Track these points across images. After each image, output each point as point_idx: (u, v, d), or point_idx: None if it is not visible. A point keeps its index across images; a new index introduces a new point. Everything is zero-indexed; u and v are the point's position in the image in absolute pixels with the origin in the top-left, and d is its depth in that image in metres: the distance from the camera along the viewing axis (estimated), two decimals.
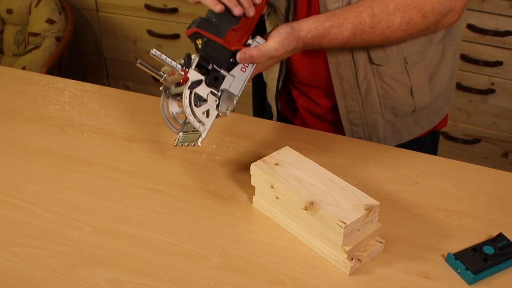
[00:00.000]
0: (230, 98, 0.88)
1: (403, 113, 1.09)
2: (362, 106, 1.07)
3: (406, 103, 1.08)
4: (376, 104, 1.07)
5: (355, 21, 0.92)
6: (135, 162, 1.01)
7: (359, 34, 0.93)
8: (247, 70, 0.89)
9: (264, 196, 0.89)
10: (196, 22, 0.87)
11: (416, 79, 1.06)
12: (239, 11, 0.86)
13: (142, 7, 2.30)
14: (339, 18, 0.92)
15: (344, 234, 0.76)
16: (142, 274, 0.79)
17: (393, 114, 1.09)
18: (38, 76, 1.28)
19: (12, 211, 0.90)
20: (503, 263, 0.80)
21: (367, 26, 0.92)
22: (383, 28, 0.93)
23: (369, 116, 1.09)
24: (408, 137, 1.14)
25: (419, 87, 1.07)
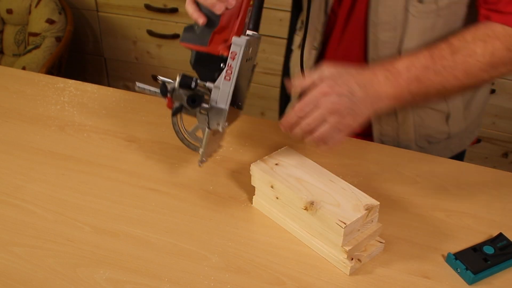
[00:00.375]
0: (219, 112, 0.84)
1: (436, 140, 1.09)
2: (397, 133, 1.06)
3: (441, 131, 1.07)
4: (411, 132, 1.06)
5: (432, 48, 0.87)
6: (135, 162, 1.01)
7: (438, 60, 0.86)
8: (232, 78, 0.83)
9: (264, 196, 0.89)
10: (182, 35, 0.84)
11: (453, 107, 1.04)
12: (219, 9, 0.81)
13: (142, 7, 2.30)
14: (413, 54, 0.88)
15: (344, 234, 0.76)
16: (142, 274, 0.79)
17: (426, 141, 1.08)
18: (38, 76, 1.28)
19: (12, 211, 0.90)
20: (503, 263, 0.80)
21: (446, 52, 0.86)
22: (465, 56, 0.85)
23: (403, 142, 1.08)
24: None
25: (455, 115, 1.06)
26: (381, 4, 0.94)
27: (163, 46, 2.37)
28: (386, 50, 0.98)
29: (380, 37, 0.97)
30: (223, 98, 0.83)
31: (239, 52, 0.82)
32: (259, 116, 2.41)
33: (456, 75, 0.85)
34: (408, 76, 0.84)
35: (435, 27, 0.94)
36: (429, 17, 0.93)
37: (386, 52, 0.98)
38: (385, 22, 0.95)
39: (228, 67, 0.82)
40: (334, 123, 0.82)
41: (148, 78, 2.48)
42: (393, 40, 0.96)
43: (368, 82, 0.84)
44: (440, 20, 0.93)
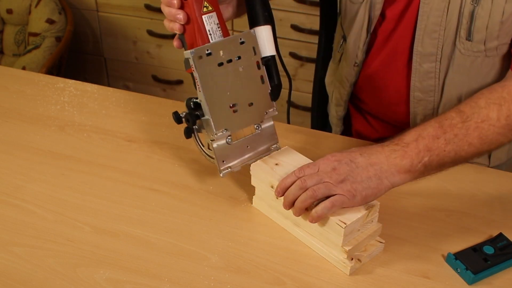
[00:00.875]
0: (208, 124, 0.84)
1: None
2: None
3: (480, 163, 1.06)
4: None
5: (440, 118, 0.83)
6: (135, 162, 1.01)
7: (448, 128, 0.81)
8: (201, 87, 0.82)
9: (264, 196, 0.89)
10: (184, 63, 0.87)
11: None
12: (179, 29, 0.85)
13: (142, 7, 2.30)
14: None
15: (344, 234, 0.76)
16: (142, 274, 0.79)
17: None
18: (38, 76, 1.28)
19: (12, 211, 0.90)
20: (503, 263, 0.80)
21: (457, 121, 0.82)
22: (478, 122, 0.81)
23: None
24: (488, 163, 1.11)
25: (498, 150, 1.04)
26: (427, 36, 0.94)
27: (163, 46, 2.37)
28: (430, 81, 0.98)
29: (424, 67, 0.97)
30: (205, 109, 0.83)
31: (193, 64, 0.83)
32: None
33: (470, 142, 0.81)
34: (417, 146, 0.80)
35: (482, 67, 0.94)
36: (477, 56, 0.93)
37: (429, 82, 0.99)
38: (431, 54, 0.95)
39: (195, 79, 0.83)
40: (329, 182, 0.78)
41: (148, 78, 2.48)
42: (437, 71, 0.97)
43: (373, 153, 0.80)
44: (489, 60, 0.93)
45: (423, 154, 0.79)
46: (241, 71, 0.85)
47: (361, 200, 0.78)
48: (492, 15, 0.88)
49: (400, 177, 0.80)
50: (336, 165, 0.79)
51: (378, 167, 0.79)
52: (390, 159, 0.79)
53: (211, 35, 0.85)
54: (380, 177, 0.79)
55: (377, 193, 0.78)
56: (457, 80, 0.97)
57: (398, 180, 0.80)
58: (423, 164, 0.80)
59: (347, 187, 0.77)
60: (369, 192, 0.78)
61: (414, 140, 0.80)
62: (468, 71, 0.95)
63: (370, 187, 0.78)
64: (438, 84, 0.98)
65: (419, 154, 0.79)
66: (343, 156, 0.80)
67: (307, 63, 2.18)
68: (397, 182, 0.80)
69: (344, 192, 0.77)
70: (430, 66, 0.97)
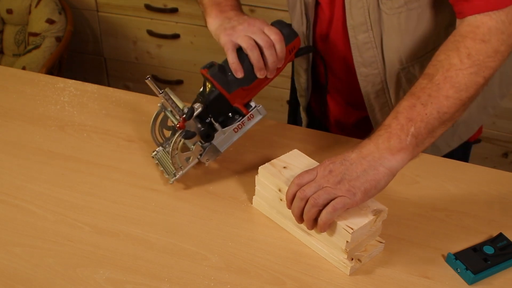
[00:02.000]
0: (214, 151, 0.94)
1: None
2: None
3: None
4: None
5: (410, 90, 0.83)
6: (135, 162, 1.01)
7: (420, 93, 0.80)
8: (239, 132, 0.93)
9: (265, 197, 0.89)
10: (213, 70, 0.90)
11: None
12: (262, 75, 0.90)
13: (142, 7, 2.30)
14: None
15: (351, 240, 0.76)
16: (142, 274, 0.79)
17: None
18: (38, 76, 1.28)
19: (12, 211, 0.90)
20: (503, 263, 0.80)
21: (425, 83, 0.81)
22: (444, 73, 0.80)
23: None
24: (446, 149, 1.11)
25: None
26: (354, 6, 0.95)
27: (163, 46, 2.37)
28: (369, 51, 0.99)
29: (360, 38, 0.98)
30: (224, 143, 0.94)
31: (256, 118, 0.94)
32: None
33: (446, 95, 0.79)
34: (398, 122, 0.79)
35: (409, 22, 0.94)
36: (401, 12, 0.93)
37: (369, 54, 0.99)
38: (361, 24, 0.96)
39: (241, 123, 0.93)
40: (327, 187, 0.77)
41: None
42: (372, 40, 0.97)
43: (363, 146, 0.80)
44: (413, 14, 0.94)
45: (407, 126, 0.78)
46: None
47: (363, 196, 0.76)
48: None
49: (395, 158, 0.78)
50: (331, 167, 0.79)
51: (370, 157, 0.78)
52: (379, 145, 0.78)
53: None
54: (375, 167, 0.77)
55: (376, 184, 0.77)
56: (392, 43, 0.97)
57: (395, 163, 0.78)
58: (412, 135, 0.78)
59: (345, 186, 0.77)
60: (367, 185, 0.76)
61: (393, 118, 0.80)
62: (398, 30, 0.95)
63: (367, 180, 0.77)
64: (377, 53, 0.99)
65: (403, 128, 0.78)
66: (337, 158, 0.80)
67: None
68: (394, 165, 0.78)
69: (343, 193, 0.76)
70: (365, 36, 0.97)
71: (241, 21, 0.92)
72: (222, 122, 0.94)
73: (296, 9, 1.04)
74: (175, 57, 2.37)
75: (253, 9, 2.08)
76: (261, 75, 0.90)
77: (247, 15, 0.95)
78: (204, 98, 0.91)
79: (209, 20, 0.96)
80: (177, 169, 0.93)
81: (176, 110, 0.90)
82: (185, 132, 0.90)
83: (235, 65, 0.89)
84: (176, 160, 0.91)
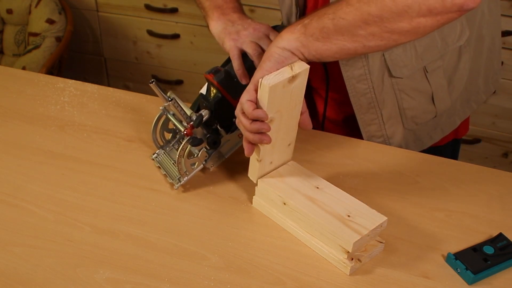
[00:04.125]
0: (219, 157, 0.95)
1: (424, 120, 1.07)
2: (382, 119, 1.04)
3: (428, 111, 1.06)
4: (397, 116, 1.05)
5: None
6: (135, 162, 1.01)
7: (331, 7, 0.79)
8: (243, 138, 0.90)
9: (266, 198, 0.89)
10: (219, 76, 0.90)
11: (436, 85, 1.03)
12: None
13: (142, 7, 2.30)
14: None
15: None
16: (142, 274, 0.79)
17: (414, 123, 1.07)
18: (38, 76, 1.28)
19: (12, 211, 0.90)
20: (503, 263, 0.80)
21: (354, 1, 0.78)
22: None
23: (390, 128, 1.06)
24: (429, 142, 1.12)
25: (439, 93, 1.04)
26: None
27: (163, 46, 2.37)
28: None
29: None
30: (229, 149, 0.95)
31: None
32: None
33: (347, 2, 0.76)
34: (300, 21, 0.81)
35: None
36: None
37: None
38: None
39: None
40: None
41: (148, 78, 2.48)
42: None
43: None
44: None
45: (304, 20, 0.80)
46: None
47: (261, 71, 0.79)
48: None
49: (282, 38, 0.80)
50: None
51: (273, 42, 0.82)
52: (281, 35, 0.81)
53: None
54: (271, 47, 0.81)
55: (269, 57, 0.80)
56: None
57: (281, 41, 0.80)
58: (303, 25, 0.79)
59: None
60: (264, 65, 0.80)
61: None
62: None
63: (264, 61, 0.80)
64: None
65: (300, 21, 0.81)
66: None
67: None
68: (280, 43, 0.80)
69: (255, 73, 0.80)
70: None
71: (246, 25, 0.92)
72: (226, 127, 0.94)
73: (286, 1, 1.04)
74: (175, 57, 2.37)
75: (253, 9, 2.08)
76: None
77: (251, 19, 0.95)
78: (209, 103, 0.91)
79: (212, 23, 0.96)
80: (182, 175, 0.93)
81: (184, 117, 0.90)
82: (192, 139, 0.90)
83: (241, 72, 0.90)
84: (182, 166, 0.92)
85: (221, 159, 0.96)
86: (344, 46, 0.79)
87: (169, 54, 2.39)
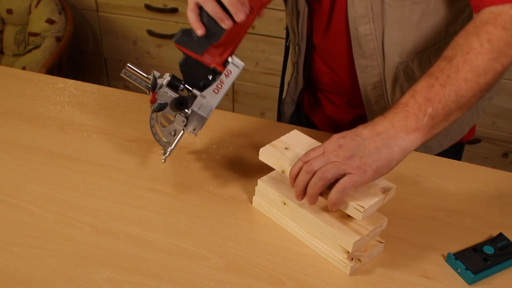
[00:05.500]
0: (199, 119, 0.88)
1: None
2: None
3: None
4: None
5: (428, 70, 0.80)
6: (135, 162, 1.01)
7: (438, 73, 0.78)
8: (220, 92, 0.86)
9: (266, 197, 0.89)
10: (177, 35, 0.85)
11: None
12: (227, 25, 0.80)
13: (142, 7, 2.30)
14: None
15: (362, 218, 0.75)
16: (142, 274, 0.79)
17: None
18: (38, 76, 1.28)
19: (12, 211, 0.90)
20: (503, 263, 0.80)
21: (444, 64, 0.79)
22: (464, 56, 0.78)
23: None
24: (438, 149, 1.11)
25: None
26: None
27: (163, 46, 2.37)
28: (369, 43, 0.98)
29: (361, 30, 0.97)
30: (206, 108, 0.87)
31: (235, 73, 0.84)
32: (259, 116, 2.41)
33: (465, 78, 0.77)
34: (416, 102, 0.77)
35: (412, 16, 0.94)
36: (405, 5, 0.93)
37: (369, 45, 0.98)
38: (363, 16, 0.95)
39: (219, 82, 0.85)
40: (336, 161, 0.75)
41: None
42: (373, 33, 0.97)
43: (377, 123, 0.77)
44: (417, 8, 0.93)
45: (425, 106, 0.76)
46: None
47: (374, 174, 0.74)
48: None
49: (409, 138, 0.75)
50: (341, 142, 0.76)
51: (384, 135, 0.76)
52: (394, 123, 0.76)
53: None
54: (389, 145, 0.75)
55: (389, 163, 0.75)
56: (393, 36, 0.97)
57: (409, 143, 0.75)
58: (429, 116, 0.76)
59: (356, 163, 0.74)
60: (379, 163, 0.74)
61: (411, 97, 0.78)
62: (400, 23, 0.95)
63: (380, 158, 0.74)
64: (377, 45, 0.98)
65: (421, 108, 0.76)
66: (347, 133, 0.78)
67: None
68: (408, 145, 0.75)
69: (353, 170, 0.74)
70: (366, 29, 0.96)
71: None
72: (204, 86, 0.87)
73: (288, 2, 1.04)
74: (175, 57, 2.37)
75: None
76: (226, 25, 0.80)
77: None
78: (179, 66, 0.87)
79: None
80: (165, 146, 0.90)
81: (143, 85, 0.86)
82: (158, 104, 0.86)
83: (194, 24, 0.82)
84: (158, 136, 0.88)
85: (202, 121, 0.89)
86: (457, 117, 0.80)
87: (169, 54, 2.39)
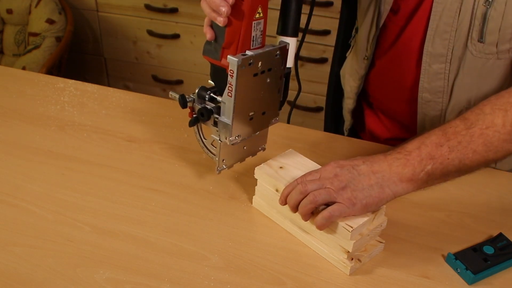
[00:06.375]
0: (225, 126, 0.85)
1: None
2: None
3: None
4: None
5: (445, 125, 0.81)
6: (135, 162, 1.01)
7: (452, 136, 0.79)
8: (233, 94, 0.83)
9: (265, 198, 0.89)
10: (203, 47, 0.86)
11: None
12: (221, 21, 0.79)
13: (142, 7, 2.30)
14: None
15: (351, 238, 0.76)
16: (142, 274, 0.79)
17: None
18: (38, 76, 1.28)
19: (12, 211, 0.90)
20: (503, 263, 0.80)
21: (461, 128, 0.79)
22: (483, 129, 0.78)
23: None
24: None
25: None
26: (438, 36, 0.93)
27: (163, 46, 2.37)
28: (439, 82, 0.97)
29: (434, 67, 0.96)
30: (227, 113, 0.84)
31: (235, 71, 0.82)
32: None
33: (475, 150, 0.78)
34: (419, 154, 0.78)
35: (493, 69, 0.93)
36: (488, 58, 0.92)
37: (438, 83, 0.97)
38: (441, 55, 0.94)
39: (229, 84, 0.83)
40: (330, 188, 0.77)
41: (148, 78, 2.48)
42: (446, 72, 0.96)
43: (376, 161, 0.79)
44: (501, 63, 0.92)
45: (426, 162, 0.78)
46: (268, 82, 0.85)
47: (362, 209, 0.77)
48: (505, 17, 0.87)
49: (402, 186, 0.78)
50: (338, 172, 0.79)
51: (380, 175, 0.78)
52: (392, 167, 0.78)
53: (253, 41, 0.84)
54: (382, 186, 0.77)
55: (378, 202, 0.77)
56: (466, 82, 0.96)
57: (400, 190, 0.78)
58: (426, 172, 0.78)
59: (348, 194, 0.76)
60: (370, 200, 0.77)
61: (416, 148, 0.79)
62: (478, 73, 0.94)
63: (371, 195, 0.77)
64: (447, 85, 0.97)
65: (421, 162, 0.78)
66: (345, 163, 0.80)
67: (307, 63, 2.18)
68: (399, 191, 0.78)
69: (343, 201, 0.76)
70: (440, 67, 0.96)
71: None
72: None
73: (368, 14, 1.02)
74: (175, 57, 2.37)
75: None
76: (219, 22, 0.79)
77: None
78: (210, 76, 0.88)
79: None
80: (213, 158, 0.90)
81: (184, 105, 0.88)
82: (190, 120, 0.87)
83: (205, 29, 0.83)
84: (205, 149, 0.89)
85: (228, 128, 0.85)
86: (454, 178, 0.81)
87: (169, 54, 2.39)
